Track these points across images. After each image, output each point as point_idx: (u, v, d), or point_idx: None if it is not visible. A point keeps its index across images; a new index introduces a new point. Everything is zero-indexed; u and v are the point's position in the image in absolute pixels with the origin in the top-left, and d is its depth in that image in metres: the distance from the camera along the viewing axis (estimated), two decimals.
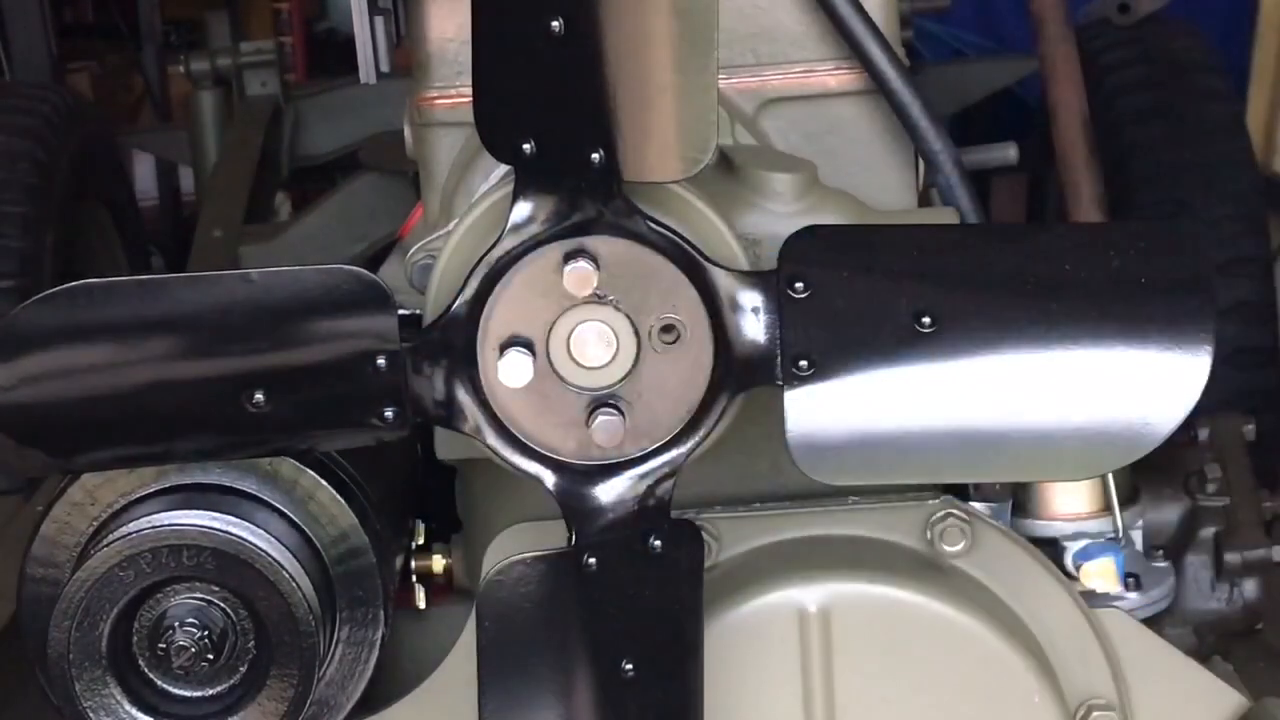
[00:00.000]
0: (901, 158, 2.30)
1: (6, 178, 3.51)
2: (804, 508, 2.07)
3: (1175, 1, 3.73)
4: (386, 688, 2.09)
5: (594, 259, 1.75)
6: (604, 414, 1.78)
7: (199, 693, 1.85)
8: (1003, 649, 1.99)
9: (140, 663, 1.84)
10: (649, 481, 1.81)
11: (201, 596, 1.83)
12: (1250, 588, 2.46)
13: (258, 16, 6.44)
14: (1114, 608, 2.16)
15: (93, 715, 1.82)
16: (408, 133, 2.41)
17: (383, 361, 1.77)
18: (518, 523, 2.09)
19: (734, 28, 2.24)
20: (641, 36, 1.70)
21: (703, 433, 1.81)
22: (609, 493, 1.81)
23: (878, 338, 1.78)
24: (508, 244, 1.76)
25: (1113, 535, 2.31)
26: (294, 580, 1.82)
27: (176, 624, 1.82)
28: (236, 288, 1.77)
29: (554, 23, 1.67)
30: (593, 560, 1.81)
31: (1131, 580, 2.31)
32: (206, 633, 1.82)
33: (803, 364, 1.79)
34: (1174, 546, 2.46)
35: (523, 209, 1.76)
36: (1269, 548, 2.45)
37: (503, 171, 1.94)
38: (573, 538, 1.81)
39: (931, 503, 2.07)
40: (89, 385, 1.77)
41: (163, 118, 5.91)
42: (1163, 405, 1.78)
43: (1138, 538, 2.39)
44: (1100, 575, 2.27)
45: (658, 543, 1.81)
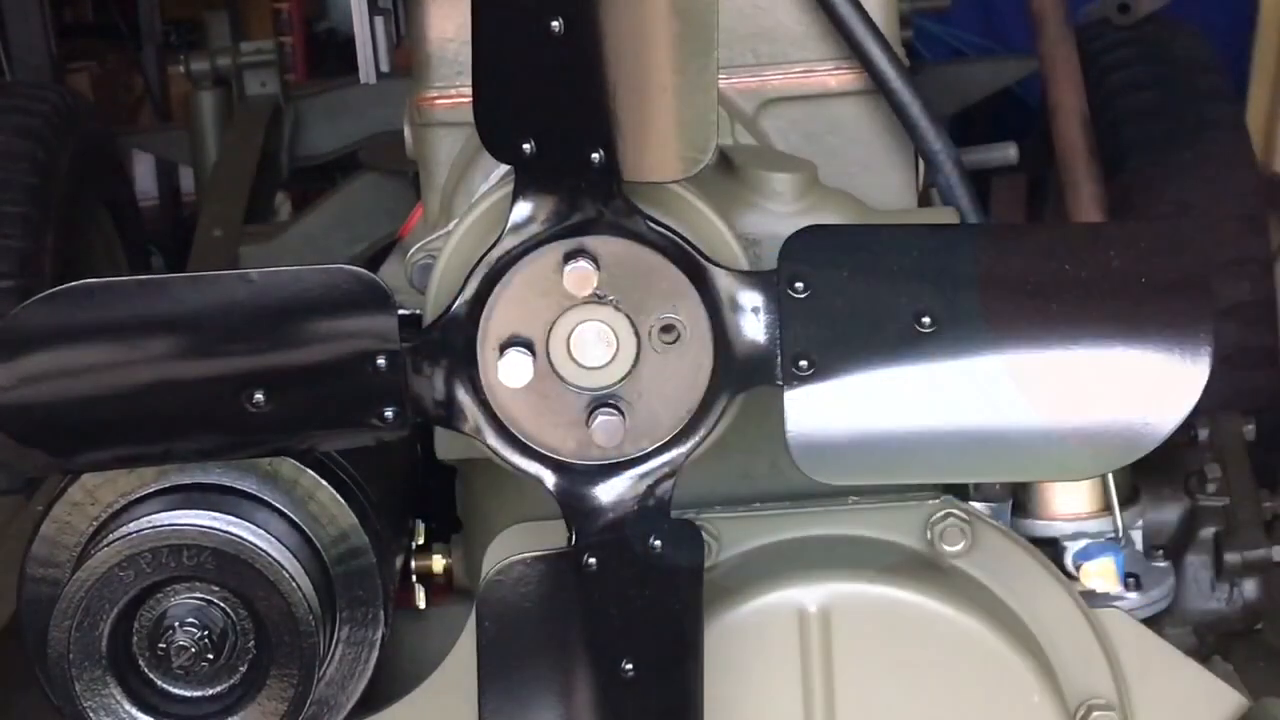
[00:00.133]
0: (901, 158, 2.30)
1: (6, 178, 3.50)
2: (804, 508, 2.07)
3: (1175, 1, 3.73)
4: (386, 688, 2.09)
5: (594, 259, 1.75)
6: (604, 414, 1.78)
7: (199, 693, 1.85)
8: (1003, 649, 1.99)
9: (140, 662, 1.84)
10: (649, 481, 1.81)
11: (201, 596, 1.83)
12: (1250, 588, 2.46)
13: (258, 16, 6.42)
14: (1114, 608, 2.16)
15: (93, 715, 1.82)
16: (408, 133, 2.41)
17: (383, 361, 1.77)
18: (518, 523, 2.09)
19: (734, 28, 2.24)
20: (641, 37, 1.70)
21: (702, 433, 1.81)
22: (609, 493, 1.81)
23: (878, 338, 1.78)
24: (508, 244, 1.76)
25: (1113, 535, 2.31)
26: (294, 580, 1.82)
27: (176, 624, 1.82)
28: (236, 288, 1.77)
29: (554, 23, 1.67)
30: (593, 560, 1.81)
31: (1131, 580, 2.31)
32: (206, 633, 1.82)
33: (803, 364, 1.79)
34: (1174, 546, 2.45)
35: (523, 209, 1.75)
36: (1269, 548, 2.45)
37: (503, 171, 1.94)
38: (572, 538, 1.81)
39: (931, 503, 2.06)
40: (89, 385, 1.77)
41: (163, 118, 5.90)
42: (1163, 405, 1.78)
43: (1138, 538, 2.39)
44: (1100, 575, 2.27)
45: (658, 543, 1.81)
